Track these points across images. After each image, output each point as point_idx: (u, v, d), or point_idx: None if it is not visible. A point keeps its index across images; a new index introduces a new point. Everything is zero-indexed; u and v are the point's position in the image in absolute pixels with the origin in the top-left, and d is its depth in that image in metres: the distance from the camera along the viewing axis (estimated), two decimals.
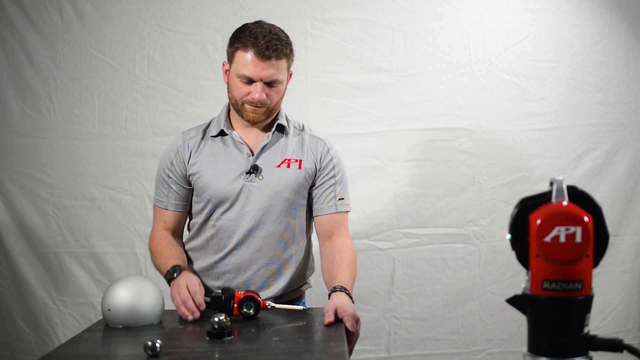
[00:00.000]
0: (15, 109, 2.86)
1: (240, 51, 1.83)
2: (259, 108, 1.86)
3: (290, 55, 1.89)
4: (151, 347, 1.37)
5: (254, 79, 1.83)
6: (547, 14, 2.94)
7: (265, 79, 1.83)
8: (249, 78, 1.83)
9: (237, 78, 1.85)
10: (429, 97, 2.92)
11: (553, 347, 1.00)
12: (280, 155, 1.93)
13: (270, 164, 1.91)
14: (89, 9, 2.85)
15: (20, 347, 2.86)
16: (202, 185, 1.91)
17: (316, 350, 1.51)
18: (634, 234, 2.98)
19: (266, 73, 1.82)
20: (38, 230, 2.85)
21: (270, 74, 1.83)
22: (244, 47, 1.83)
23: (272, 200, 1.90)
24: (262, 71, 1.82)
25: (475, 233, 2.94)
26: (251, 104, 1.86)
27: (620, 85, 2.97)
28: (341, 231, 1.97)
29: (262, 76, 1.82)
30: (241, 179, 1.89)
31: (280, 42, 1.83)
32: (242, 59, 1.83)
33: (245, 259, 1.91)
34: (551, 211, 0.98)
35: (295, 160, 1.93)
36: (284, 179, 1.91)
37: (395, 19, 2.90)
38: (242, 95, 1.86)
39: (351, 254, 1.93)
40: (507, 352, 2.93)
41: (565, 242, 0.97)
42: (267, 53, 1.80)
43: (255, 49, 1.81)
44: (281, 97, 1.92)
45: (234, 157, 1.92)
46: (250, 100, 1.85)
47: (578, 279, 0.98)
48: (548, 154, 2.95)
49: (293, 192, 1.92)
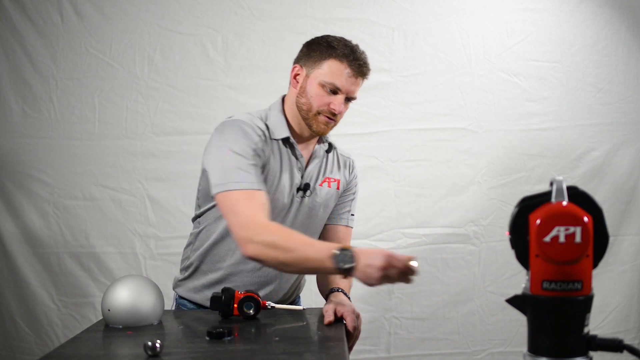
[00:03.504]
0: (15, 109, 2.86)
1: (334, 60, 1.75)
2: (331, 121, 1.79)
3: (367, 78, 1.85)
4: (151, 347, 1.37)
5: (342, 90, 1.76)
6: (547, 14, 2.95)
7: (350, 93, 1.78)
8: (336, 88, 1.76)
9: (321, 86, 1.76)
10: (429, 97, 2.92)
11: (553, 347, 1.00)
12: (322, 173, 1.89)
13: (314, 181, 1.87)
14: (89, 9, 2.85)
15: (20, 347, 2.86)
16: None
17: (316, 350, 1.51)
18: (634, 234, 2.98)
19: (353, 89, 1.79)
20: (38, 230, 2.85)
21: (355, 90, 1.79)
22: (339, 57, 1.75)
23: (312, 218, 1.87)
24: (352, 86, 1.77)
25: (475, 233, 2.94)
26: (326, 115, 1.78)
27: (620, 85, 2.97)
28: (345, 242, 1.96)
29: (350, 90, 1.78)
30: (292, 195, 1.83)
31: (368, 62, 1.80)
32: (335, 68, 1.75)
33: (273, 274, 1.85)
34: (551, 211, 0.98)
35: (334, 180, 1.91)
36: (325, 199, 1.88)
37: (395, 19, 2.90)
38: (322, 104, 1.77)
39: None
40: (507, 352, 2.93)
41: (564, 242, 0.97)
42: (363, 70, 1.77)
43: (353, 62, 1.75)
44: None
45: (292, 169, 1.83)
46: (328, 111, 1.77)
47: (578, 279, 0.98)
48: (548, 154, 2.95)
49: (327, 211, 1.91)
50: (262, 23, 2.88)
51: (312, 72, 1.78)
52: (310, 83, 1.78)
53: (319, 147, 1.89)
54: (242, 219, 1.60)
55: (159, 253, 2.86)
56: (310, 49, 1.80)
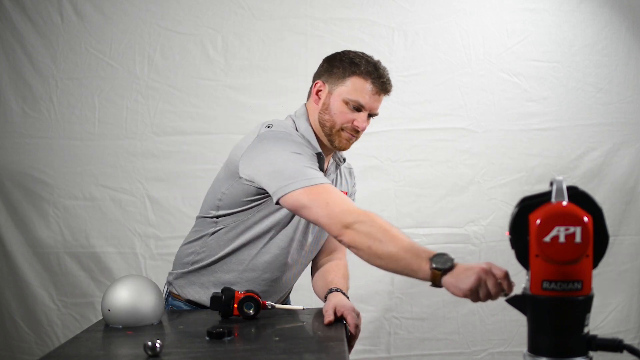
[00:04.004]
0: (15, 109, 2.86)
1: (358, 77, 1.75)
2: (353, 137, 1.80)
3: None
4: (151, 347, 1.37)
5: (366, 108, 1.76)
6: (547, 14, 2.95)
7: (373, 111, 1.79)
8: (360, 106, 1.75)
9: (345, 103, 1.75)
10: (429, 97, 2.92)
11: (553, 347, 1.00)
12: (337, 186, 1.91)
13: None
14: (89, 9, 2.85)
15: (20, 347, 2.86)
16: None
17: (316, 350, 1.51)
18: (634, 234, 2.98)
19: (376, 106, 1.79)
20: (38, 230, 2.85)
21: (377, 107, 1.80)
22: (363, 75, 1.75)
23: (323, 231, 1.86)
24: (375, 103, 1.78)
25: (475, 233, 2.94)
26: (349, 132, 1.78)
27: (620, 85, 2.97)
28: (342, 251, 1.97)
29: (373, 107, 1.78)
30: None
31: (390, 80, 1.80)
32: (360, 85, 1.75)
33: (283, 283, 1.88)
34: (551, 211, 0.98)
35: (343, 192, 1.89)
36: None
37: (395, 19, 2.90)
38: (345, 121, 1.77)
39: (345, 268, 1.94)
40: (507, 352, 2.93)
41: (564, 242, 0.97)
42: (387, 87, 1.77)
43: (377, 80, 1.75)
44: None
45: None
46: (352, 128, 1.77)
47: (578, 279, 0.98)
48: (548, 154, 2.95)
49: None
50: (262, 23, 2.88)
51: (336, 89, 1.76)
52: (334, 100, 1.76)
53: (334, 162, 1.90)
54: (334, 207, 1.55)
55: (159, 253, 2.86)
56: (333, 65, 1.79)
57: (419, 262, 1.43)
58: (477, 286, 1.33)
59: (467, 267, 1.37)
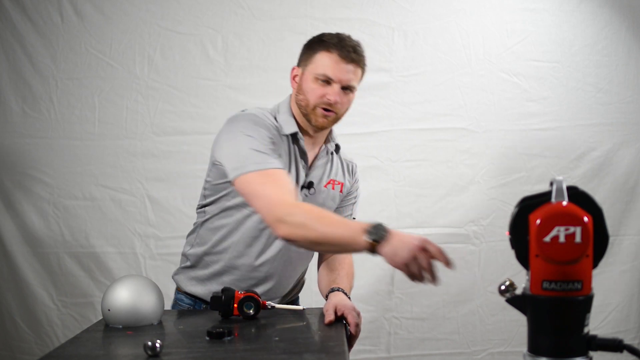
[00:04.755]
0: (15, 109, 2.86)
1: (323, 52, 1.78)
2: (330, 113, 1.79)
3: (364, 69, 1.84)
4: (151, 347, 1.37)
5: (334, 79, 1.77)
6: (547, 14, 2.95)
7: (344, 82, 1.78)
8: (328, 78, 1.77)
9: (314, 79, 1.78)
10: (429, 97, 2.92)
11: (553, 347, 1.00)
12: (327, 174, 1.90)
13: (319, 181, 1.87)
14: (89, 9, 2.85)
15: (20, 347, 2.86)
16: None
17: (316, 350, 1.51)
18: (634, 234, 2.98)
19: (346, 76, 1.78)
20: (38, 230, 2.85)
21: (349, 78, 1.78)
22: (327, 48, 1.78)
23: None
24: (344, 73, 1.77)
25: (475, 233, 2.94)
26: (323, 108, 1.79)
27: (620, 85, 2.97)
28: None
29: (342, 78, 1.78)
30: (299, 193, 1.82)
31: (360, 49, 1.81)
32: (325, 59, 1.78)
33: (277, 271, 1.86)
34: (551, 211, 0.98)
35: (338, 183, 1.92)
36: (328, 200, 1.89)
37: (395, 19, 2.90)
38: (317, 97, 1.78)
39: (350, 266, 1.94)
40: (507, 352, 2.93)
41: (564, 242, 0.97)
42: (352, 56, 1.77)
43: (341, 50, 1.77)
44: (346, 110, 1.85)
45: (297, 166, 1.83)
46: (324, 103, 1.78)
47: (578, 279, 0.98)
48: (548, 154, 2.95)
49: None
50: (262, 23, 2.88)
51: (307, 69, 1.81)
52: (305, 79, 1.80)
53: (325, 148, 1.90)
54: (269, 200, 1.57)
55: (159, 253, 2.86)
56: (304, 49, 1.84)
57: (354, 237, 1.47)
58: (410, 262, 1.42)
59: (403, 240, 1.44)
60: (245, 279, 1.83)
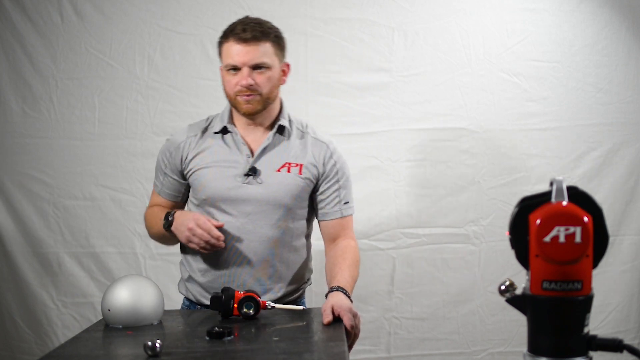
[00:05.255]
0: (15, 109, 2.86)
1: (224, 44, 1.86)
2: (250, 97, 1.84)
3: (276, 41, 1.88)
4: (151, 347, 1.37)
5: (238, 65, 1.82)
6: (547, 14, 2.94)
7: (248, 62, 1.82)
8: (234, 66, 1.83)
9: (226, 71, 1.86)
10: (429, 97, 2.92)
11: (553, 347, 1.00)
12: (281, 158, 1.90)
13: (269, 167, 1.89)
14: (89, 9, 2.85)
15: (20, 347, 2.86)
16: (200, 184, 1.90)
17: (316, 350, 1.51)
18: (634, 234, 2.98)
19: (248, 57, 1.82)
20: (38, 230, 2.85)
21: (253, 57, 1.82)
22: (225, 38, 1.86)
23: (270, 205, 1.87)
24: (245, 55, 1.82)
25: (475, 233, 2.94)
26: (242, 95, 1.84)
27: (620, 85, 2.97)
28: (346, 233, 1.96)
29: (245, 60, 1.82)
30: (239, 181, 1.87)
31: (259, 25, 1.85)
32: (226, 49, 1.85)
33: (243, 261, 1.89)
34: (551, 211, 0.98)
35: (295, 165, 1.90)
36: (284, 184, 1.88)
37: (395, 19, 2.90)
38: (232, 87, 1.85)
39: (353, 254, 1.91)
40: (507, 352, 2.93)
41: (564, 242, 0.97)
42: (243, 35, 1.82)
43: (234, 34, 1.83)
44: (274, 87, 1.89)
45: (234, 157, 1.89)
46: (239, 91, 1.84)
47: (578, 279, 0.98)
48: (548, 154, 2.95)
49: (292, 198, 1.89)
50: None
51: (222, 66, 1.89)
52: (222, 75, 1.89)
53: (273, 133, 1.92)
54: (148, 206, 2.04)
55: (159, 253, 2.86)
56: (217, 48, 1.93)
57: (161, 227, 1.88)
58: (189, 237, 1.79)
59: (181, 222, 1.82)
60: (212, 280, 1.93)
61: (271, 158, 1.90)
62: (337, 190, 1.95)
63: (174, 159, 1.95)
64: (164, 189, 1.99)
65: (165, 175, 1.98)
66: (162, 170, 1.99)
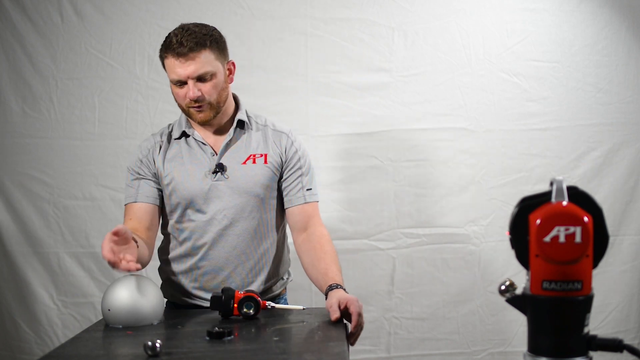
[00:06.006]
0: (15, 109, 2.86)
1: (165, 59, 1.86)
2: (201, 107, 1.86)
3: (214, 45, 1.86)
4: (151, 347, 1.37)
5: (181, 79, 1.83)
6: (547, 14, 2.94)
7: (191, 75, 1.82)
8: (178, 80, 1.84)
9: (173, 85, 1.87)
10: (429, 97, 2.92)
11: (553, 347, 1.00)
12: (245, 152, 1.94)
13: (235, 162, 1.93)
14: (89, 9, 2.85)
15: (20, 347, 2.86)
16: (171, 188, 1.92)
17: (316, 350, 1.52)
18: (634, 234, 2.98)
19: (190, 70, 1.81)
20: (38, 230, 2.85)
21: (194, 69, 1.82)
22: (164, 53, 1.85)
23: (242, 197, 1.91)
24: (186, 69, 1.81)
25: (475, 233, 2.94)
26: (193, 106, 1.86)
27: (620, 85, 2.97)
28: (315, 221, 1.98)
29: (187, 74, 1.82)
30: (208, 179, 1.90)
31: (193, 35, 1.82)
32: (168, 65, 1.85)
33: (222, 258, 1.92)
34: (551, 211, 0.98)
35: (260, 155, 1.94)
36: (251, 175, 1.92)
37: (395, 19, 2.90)
38: (181, 100, 1.87)
39: (331, 245, 1.95)
40: (507, 352, 2.93)
41: (564, 242, 0.97)
42: (180, 50, 1.80)
43: (171, 50, 1.82)
44: (223, 90, 1.90)
45: (199, 158, 1.93)
46: (189, 102, 1.85)
47: (578, 279, 0.98)
48: (548, 154, 2.95)
49: (262, 187, 1.93)
50: (262, 23, 2.88)
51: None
52: (171, 87, 1.90)
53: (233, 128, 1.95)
54: None
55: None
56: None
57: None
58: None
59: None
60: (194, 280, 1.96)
61: (235, 153, 1.94)
62: (299, 177, 1.98)
63: (148, 163, 1.96)
64: (142, 195, 1.94)
65: (139, 179, 1.95)
66: (136, 176, 1.95)
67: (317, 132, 2.86)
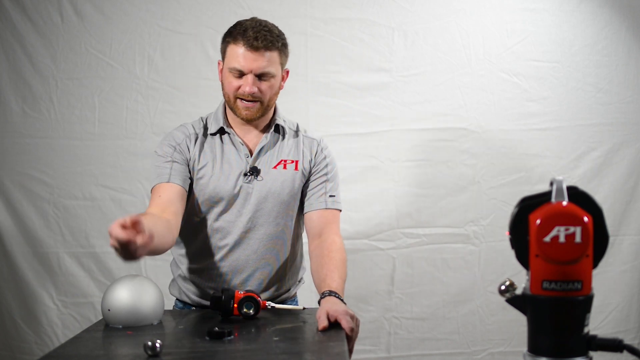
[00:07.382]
0: (15, 109, 2.85)
1: (231, 45, 1.83)
2: (251, 103, 1.84)
3: (283, 49, 1.87)
4: (151, 347, 1.37)
5: (244, 71, 1.81)
6: (547, 14, 2.95)
7: (255, 70, 1.81)
8: (239, 71, 1.82)
9: (229, 72, 1.84)
10: (429, 97, 2.92)
11: (553, 347, 1.00)
12: (277, 157, 1.93)
13: (267, 165, 1.91)
14: (89, 9, 2.85)
15: (20, 347, 2.85)
16: (201, 184, 1.90)
17: (316, 350, 1.52)
18: (634, 234, 2.98)
19: (256, 64, 1.81)
20: (38, 230, 2.85)
21: (261, 65, 1.81)
22: (234, 40, 1.82)
23: (269, 201, 1.89)
24: (253, 63, 1.81)
25: (475, 233, 2.94)
26: (243, 100, 1.84)
27: (620, 85, 2.97)
28: (331, 229, 1.95)
29: (252, 68, 1.81)
30: (240, 180, 1.88)
31: (270, 33, 1.83)
32: (233, 52, 1.82)
33: (242, 260, 1.90)
34: (551, 211, 0.98)
35: (291, 162, 1.93)
36: (281, 180, 1.91)
37: (395, 19, 2.90)
38: (234, 90, 1.84)
39: (341, 253, 1.91)
40: (507, 352, 2.93)
41: (564, 242, 0.97)
42: (255, 44, 1.80)
43: (245, 40, 1.80)
44: (275, 94, 1.90)
45: (233, 157, 1.91)
46: (241, 95, 1.83)
47: (578, 279, 0.98)
48: (548, 154, 2.95)
49: (289, 194, 1.92)
50: None
51: (224, 62, 1.87)
52: (224, 73, 1.87)
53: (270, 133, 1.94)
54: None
55: None
56: (221, 42, 1.90)
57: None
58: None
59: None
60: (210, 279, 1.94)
61: (268, 157, 1.93)
62: (323, 183, 1.97)
63: (182, 150, 1.89)
64: (174, 177, 1.85)
65: (174, 162, 1.87)
66: (170, 159, 1.87)
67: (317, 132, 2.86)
